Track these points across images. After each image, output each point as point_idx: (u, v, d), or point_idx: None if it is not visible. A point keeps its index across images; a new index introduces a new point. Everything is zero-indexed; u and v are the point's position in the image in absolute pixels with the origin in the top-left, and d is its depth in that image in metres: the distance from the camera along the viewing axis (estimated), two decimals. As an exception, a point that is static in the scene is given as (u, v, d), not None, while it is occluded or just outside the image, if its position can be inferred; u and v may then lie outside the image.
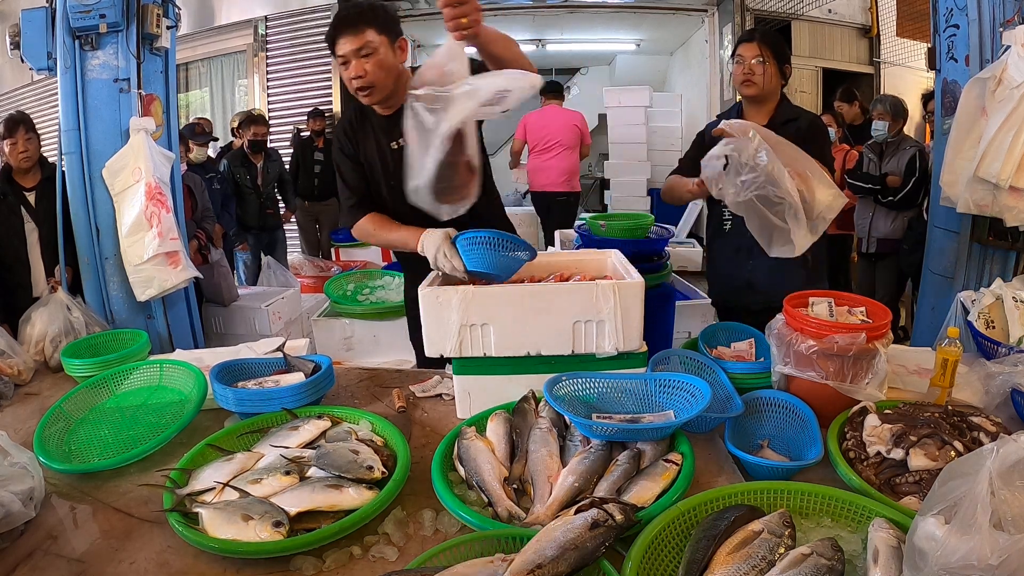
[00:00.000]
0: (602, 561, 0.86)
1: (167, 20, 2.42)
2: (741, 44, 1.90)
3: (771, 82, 1.87)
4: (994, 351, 1.53)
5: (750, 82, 1.88)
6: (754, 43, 1.86)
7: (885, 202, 3.53)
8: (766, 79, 1.86)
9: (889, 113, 3.50)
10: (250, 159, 4.58)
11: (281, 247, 4.93)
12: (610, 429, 1.18)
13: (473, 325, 1.36)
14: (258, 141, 4.57)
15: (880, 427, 1.15)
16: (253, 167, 4.58)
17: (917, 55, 5.80)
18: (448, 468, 1.17)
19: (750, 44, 1.87)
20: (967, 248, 2.49)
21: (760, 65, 1.85)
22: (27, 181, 2.48)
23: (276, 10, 5.87)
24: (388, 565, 0.99)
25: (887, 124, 3.50)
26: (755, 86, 1.88)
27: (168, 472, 1.18)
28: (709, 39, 6.00)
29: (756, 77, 1.87)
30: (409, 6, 6.06)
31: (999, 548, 0.68)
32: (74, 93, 2.26)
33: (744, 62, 1.88)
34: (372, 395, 1.62)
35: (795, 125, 1.86)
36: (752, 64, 1.86)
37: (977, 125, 2.18)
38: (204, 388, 1.50)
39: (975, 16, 2.34)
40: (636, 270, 1.46)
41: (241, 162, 4.55)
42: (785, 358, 1.30)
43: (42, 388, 1.79)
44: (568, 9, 6.11)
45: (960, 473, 0.77)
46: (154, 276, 2.31)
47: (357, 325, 2.88)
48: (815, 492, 1.01)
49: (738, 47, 1.91)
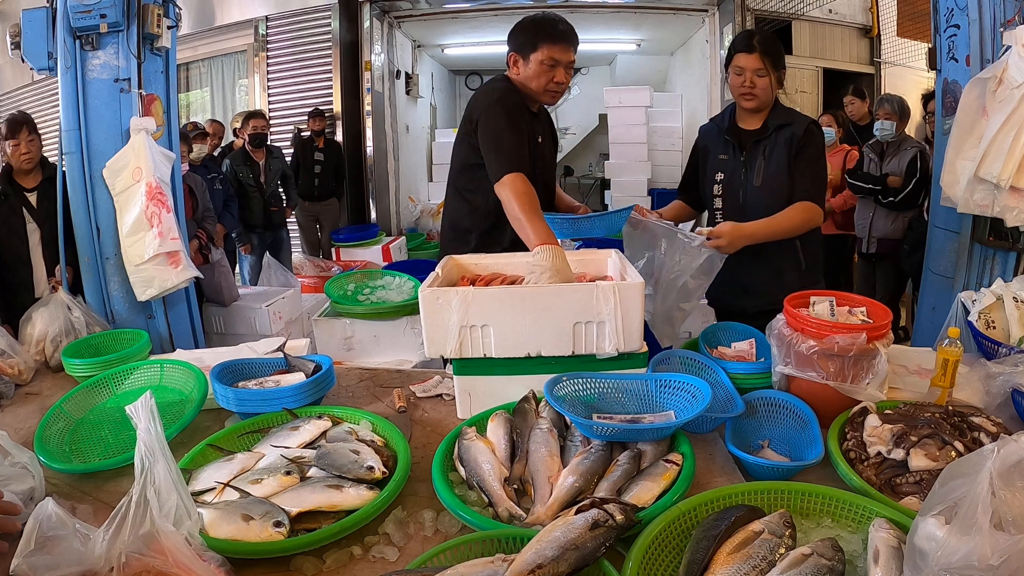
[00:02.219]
0: (602, 561, 0.86)
1: (168, 20, 2.42)
2: (740, 54, 1.82)
3: (770, 93, 1.85)
4: (994, 351, 1.53)
5: (751, 95, 1.83)
6: (755, 55, 1.79)
7: (886, 203, 3.53)
8: (766, 91, 1.83)
9: (896, 113, 3.50)
10: (252, 157, 4.55)
11: (285, 247, 4.91)
12: (610, 429, 1.18)
13: (473, 326, 1.36)
14: (258, 135, 4.55)
15: (881, 427, 1.15)
16: (256, 165, 4.56)
17: (917, 55, 5.80)
18: (448, 468, 1.17)
19: (750, 56, 1.80)
20: (967, 248, 2.49)
21: (761, 79, 1.81)
22: (28, 181, 2.48)
23: (276, 10, 5.87)
24: (388, 565, 0.99)
25: (895, 124, 3.50)
26: (756, 99, 1.84)
27: (168, 472, 1.18)
28: (709, 39, 5.99)
29: (758, 91, 1.82)
30: (410, 6, 6.07)
31: (1000, 548, 0.68)
32: (74, 93, 2.26)
33: (744, 74, 1.82)
34: (372, 395, 1.62)
35: (789, 131, 1.84)
36: (753, 77, 1.81)
37: (978, 125, 2.18)
38: (204, 388, 1.50)
39: (976, 16, 2.34)
40: (636, 270, 1.46)
41: (243, 160, 4.53)
42: (786, 358, 1.30)
43: (42, 388, 1.79)
44: (568, 9, 6.09)
45: (960, 473, 0.77)
46: (155, 276, 2.31)
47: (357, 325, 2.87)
48: (815, 492, 1.01)
49: (736, 56, 1.84)
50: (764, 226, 1.79)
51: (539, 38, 1.85)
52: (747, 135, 1.92)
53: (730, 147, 1.95)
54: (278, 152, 4.79)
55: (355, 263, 4.80)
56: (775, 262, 1.90)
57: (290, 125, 5.81)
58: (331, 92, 5.78)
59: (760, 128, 1.89)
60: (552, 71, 1.86)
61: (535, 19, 1.89)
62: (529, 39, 1.86)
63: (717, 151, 1.99)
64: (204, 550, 0.92)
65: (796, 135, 1.83)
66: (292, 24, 5.86)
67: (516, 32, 1.91)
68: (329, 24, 5.72)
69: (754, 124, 1.91)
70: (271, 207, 4.66)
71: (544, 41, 1.84)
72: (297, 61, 5.89)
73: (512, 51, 1.90)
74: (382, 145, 6.24)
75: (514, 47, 1.90)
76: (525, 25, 1.90)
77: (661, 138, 6.42)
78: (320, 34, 5.79)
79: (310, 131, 5.24)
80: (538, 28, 1.86)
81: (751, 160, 1.90)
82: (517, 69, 1.90)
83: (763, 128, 1.88)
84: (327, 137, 5.37)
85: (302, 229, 5.40)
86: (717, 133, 2.00)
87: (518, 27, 1.92)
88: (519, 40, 1.89)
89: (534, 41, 1.85)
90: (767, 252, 1.89)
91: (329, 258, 5.20)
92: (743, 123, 1.94)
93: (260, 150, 4.60)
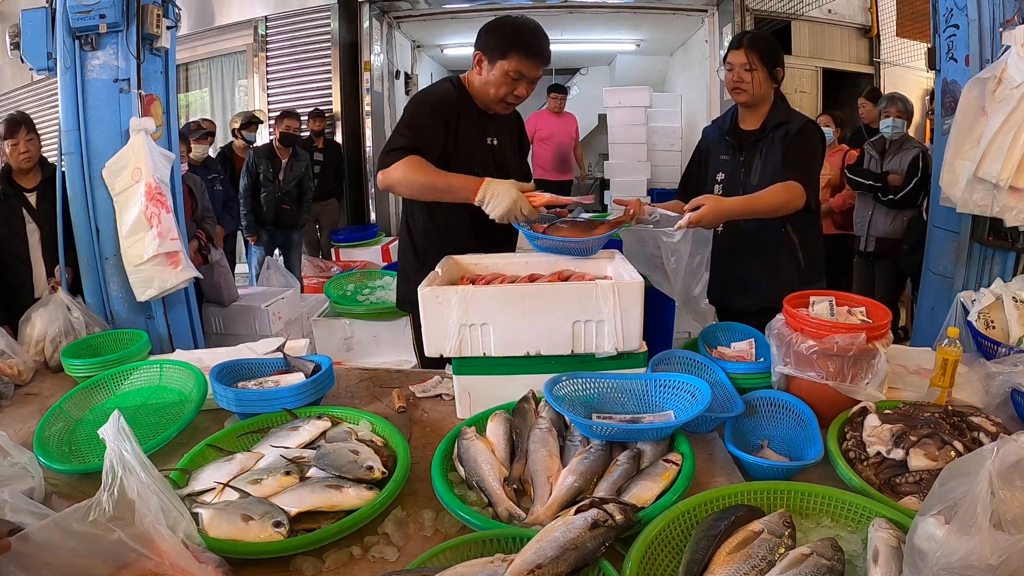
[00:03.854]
0: (602, 561, 0.86)
1: (167, 20, 2.42)
2: (730, 51, 1.89)
3: (761, 88, 1.86)
4: (994, 351, 1.53)
5: (740, 90, 1.88)
6: (741, 50, 1.85)
7: (885, 200, 3.53)
8: (755, 86, 1.85)
9: (906, 112, 3.51)
10: (277, 154, 4.56)
11: (296, 250, 4.86)
12: (610, 429, 1.18)
13: (473, 325, 1.36)
14: (289, 135, 4.57)
15: (880, 427, 1.15)
16: (278, 161, 4.55)
17: (917, 55, 5.81)
18: (448, 468, 1.17)
19: (738, 51, 1.86)
20: (967, 248, 2.49)
21: (748, 73, 1.84)
22: (28, 182, 2.48)
23: (276, 10, 5.87)
24: (388, 565, 0.99)
25: (904, 123, 3.51)
26: (745, 94, 1.88)
27: (168, 472, 1.18)
28: (709, 39, 6.00)
29: (745, 85, 1.86)
30: (409, 6, 6.07)
31: (999, 548, 0.68)
32: (74, 93, 2.26)
33: (733, 70, 1.87)
34: (372, 395, 1.62)
35: (784, 129, 1.86)
36: (741, 72, 1.85)
37: (977, 125, 2.18)
38: (204, 388, 1.50)
39: (975, 16, 2.34)
40: (636, 270, 1.46)
41: (267, 155, 4.53)
42: (785, 358, 1.31)
43: (42, 388, 1.79)
44: (568, 9, 6.11)
45: (960, 473, 0.77)
46: (154, 276, 2.31)
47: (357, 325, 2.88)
48: (815, 492, 1.01)
49: (728, 54, 1.90)
50: (746, 201, 1.78)
51: (512, 47, 1.69)
52: (746, 135, 1.93)
53: (730, 148, 1.96)
54: (305, 157, 4.76)
55: (355, 263, 4.80)
56: (773, 258, 1.91)
57: (290, 125, 5.82)
58: (330, 92, 5.78)
59: (759, 128, 1.90)
60: (515, 84, 1.73)
61: (513, 24, 1.73)
62: (500, 44, 1.70)
63: (718, 152, 2.00)
64: (202, 551, 0.92)
65: (790, 133, 1.84)
66: (291, 24, 5.86)
67: (489, 32, 1.74)
68: (328, 24, 5.72)
69: (753, 124, 1.93)
70: (283, 205, 4.61)
71: (516, 51, 1.69)
72: (296, 61, 5.89)
73: (479, 50, 1.74)
74: (382, 145, 6.24)
75: (482, 47, 1.73)
76: (499, 27, 1.73)
77: (661, 138, 6.42)
78: (319, 34, 5.79)
79: (310, 131, 5.24)
80: (513, 35, 1.71)
81: (749, 160, 1.91)
82: (480, 69, 1.75)
83: (761, 128, 1.90)
84: (327, 137, 5.38)
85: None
86: (719, 134, 2.02)
87: (492, 27, 1.74)
88: (489, 41, 1.72)
89: (505, 48, 1.69)
90: (765, 247, 1.90)
91: (329, 258, 5.20)
92: (743, 124, 1.96)
93: (287, 149, 4.60)
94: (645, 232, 1.82)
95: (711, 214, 1.68)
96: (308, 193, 4.76)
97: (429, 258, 1.70)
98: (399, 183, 1.64)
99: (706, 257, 1.85)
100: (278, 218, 4.62)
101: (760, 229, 1.89)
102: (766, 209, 1.76)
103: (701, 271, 1.86)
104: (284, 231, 4.73)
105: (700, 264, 1.83)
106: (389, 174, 1.65)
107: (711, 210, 1.68)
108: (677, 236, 1.72)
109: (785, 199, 1.74)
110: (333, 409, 1.39)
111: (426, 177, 1.63)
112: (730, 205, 1.74)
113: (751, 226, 1.90)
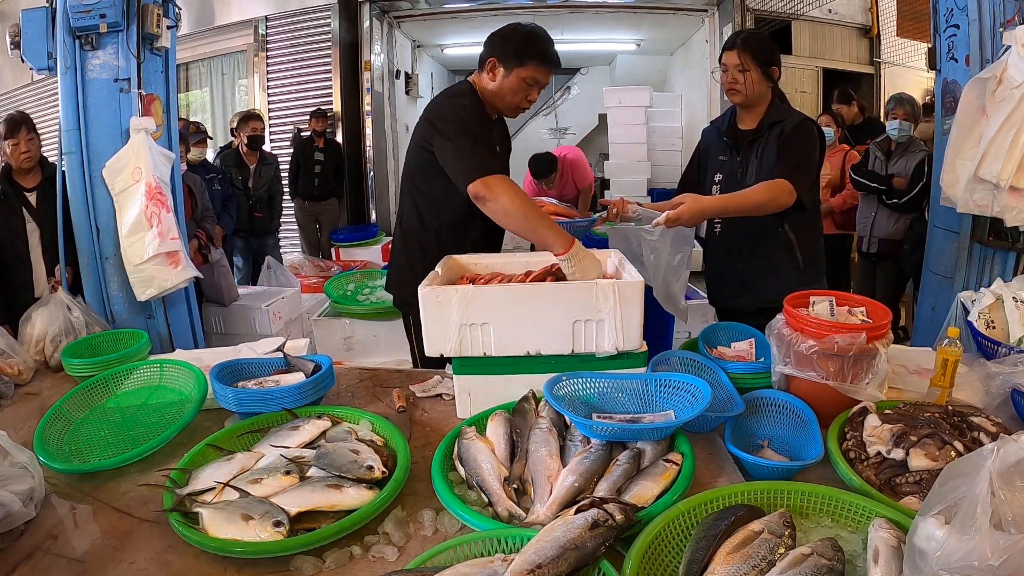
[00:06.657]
0: (602, 561, 0.86)
1: (167, 20, 2.42)
2: (724, 52, 1.89)
3: (755, 88, 1.86)
4: (994, 351, 1.53)
5: (734, 90, 1.88)
6: (734, 51, 1.85)
7: (889, 203, 3.52)
8: (749, 86, 1.86)
9: (913, 114, 3.50)
10: (244, 160, 4.45)
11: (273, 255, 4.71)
12: (610, 429, 1.18)
13: (473, 324, 1.36)
14: (256, 137, 4.46)
15: (880, 427, 1.15)
16: (246, 168, 4.45)
17: (917, 55, 5.81)
18: (448, 468, 1.17)
19: (731, 52, 1.86)
20: (967, 248, 2.49)
21: (742, 74, 1.85)
22: (28, 181, 2.49)
23: (276, 10, 5.88)
24: (388, 565, 0.99)
25: (911, 125, 3.50)
26: (739, 94, 1.88)
27: (168, 472, 1.18)
28: (709, 39, 6.00)
29: (739, 85, 1.86)
30: (409, 6, 6.07)
31: (999, 548, 0.68)
32: (74, 93, 2.26)
33: (728, 71, 1.88)
34: (372, 395, 1.62)
35: (780, 127, 1.86)
36: (735, 72, 1.86)
37: (977, 125, 2.18)
38: (204, 388, 1.50)
39: (975, 16, 2.34)
40: (635, 269, 1.46)
41: (234, 162, 4.43)
42: (785, 358, 1.30)
43: (42, 388, 1.79)
44: (568, 9, 6.11)
45: (960, 473, 0.77)
46: (154, 276, 2.31)
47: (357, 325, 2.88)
48: (815, 492, 1.01)
49: (722, 55, 1.90)
50: (726, 200, 1.79)
51: (529, 55, 1.74)
52: (743, 135, 1.93)
53: (728, 148, 1.97)
54: (273, 160, 4.66)
55: (355, 263, 4.80)
56: (772, 258, 1.91)
57: (290, 125, 5.82)
58: (331, 92, 5.79)
59: (755, 128, 1.91)
60: (529, 90, 1.78)
61: (526, 32, 1.77)
62: (518, 52, 1.74)
63: (717, 152, 2.01)
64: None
65: (785, 131, 1.84)
66: (292, 24, 5.86)
67: (504, 40, 1.76)
68: (329, 24, 5.72)
69: (750, 124, 1.93)
70: (255, 212, 4.51)
71: (534, 60, 1.74)
72: (297, 61, 5.89)
73: (492, 56, 1.76)
74: (382, 145, 6.24)
75: (496, 53, 1.75)
76: (514, 35, 1.77)
77: (661, 138, 6.42)
78: (320, 34, 5.79)
79: (311, 131, 5.24)
80: (530, 43, 1.75)
81: (746, 160, 1.91)
82: (493, 75, 1.76)
83: (758, 128, 1.90)
84: (327, 137, 5.37)
85: (302, 229, 5.38)
86: (717, 135, 2.02)
87: (506, 35, 1.77)
88: (504, 49, 1.75)
89: (522, 56, 1.73)
90: (763, 247, 1.90)
91: (329, 258, 5.20)
92: (741, 124, 1.96)
93: (254, 153, 4.48)
94: (628, 230, 1.86)
95: (689, 212, 1.69)
96: (278, 197, 4.63)
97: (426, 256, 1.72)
98: (501, 197, 1.59)
99: (687, 256, 1.89)
100: (251, 226, 4.51)
101: (758, 229, 1.89)
102: (749, 207, 1.76)
103: (683, 269, 1.90)
104: (259, 238, 4.62)
105: (682, 262, 1.87)
106: (496, 193, 1.59)
107: (689, 208, 1.69)
108: (656, 233, 1.74)
109: (769, 197, 1.73)
110: (333, 409, 1.39)
111: (526, 211, 1.60)
112: (709, 204, 1.76)
113: (749, 226, 1.90)
